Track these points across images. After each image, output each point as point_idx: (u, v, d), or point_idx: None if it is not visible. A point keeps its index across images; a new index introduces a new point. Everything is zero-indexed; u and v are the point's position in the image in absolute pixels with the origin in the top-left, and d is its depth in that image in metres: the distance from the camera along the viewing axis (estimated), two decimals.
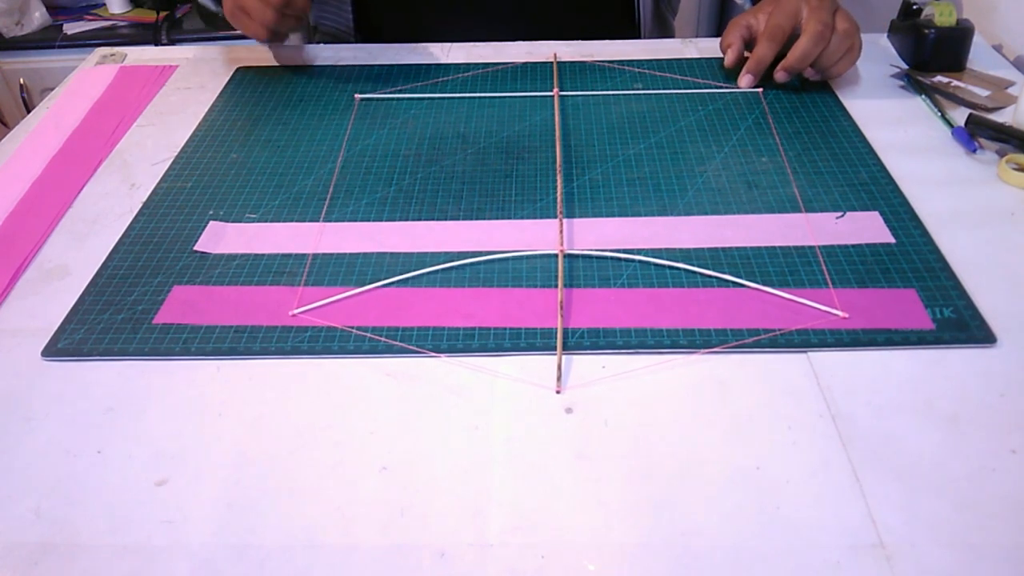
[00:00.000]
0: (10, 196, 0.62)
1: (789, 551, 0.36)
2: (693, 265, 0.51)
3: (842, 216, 0.55)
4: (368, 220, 0.57)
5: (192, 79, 0.78)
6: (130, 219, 0.58)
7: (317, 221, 0.57)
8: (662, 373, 0.45)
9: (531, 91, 0.72)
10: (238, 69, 0.79)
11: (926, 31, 0.71)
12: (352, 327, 0.48)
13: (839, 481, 0.39)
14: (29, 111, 0.90)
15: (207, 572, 0.36)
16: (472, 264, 0.52)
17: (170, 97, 0.75)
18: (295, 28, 0.74)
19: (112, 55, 0.84)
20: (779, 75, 0.69)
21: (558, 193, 0.58)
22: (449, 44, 0.82)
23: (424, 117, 0.69)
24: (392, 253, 0.54)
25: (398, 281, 0.51)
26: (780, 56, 0.69)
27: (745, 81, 0.70)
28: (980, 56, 0.74)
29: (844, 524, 0.37)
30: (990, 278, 0.50)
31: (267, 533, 0.38)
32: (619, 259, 0.52)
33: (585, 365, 0.45)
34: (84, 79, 0.79)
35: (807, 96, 0.69)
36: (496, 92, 0.72)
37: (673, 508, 0.38)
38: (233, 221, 0.58)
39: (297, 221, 0.57)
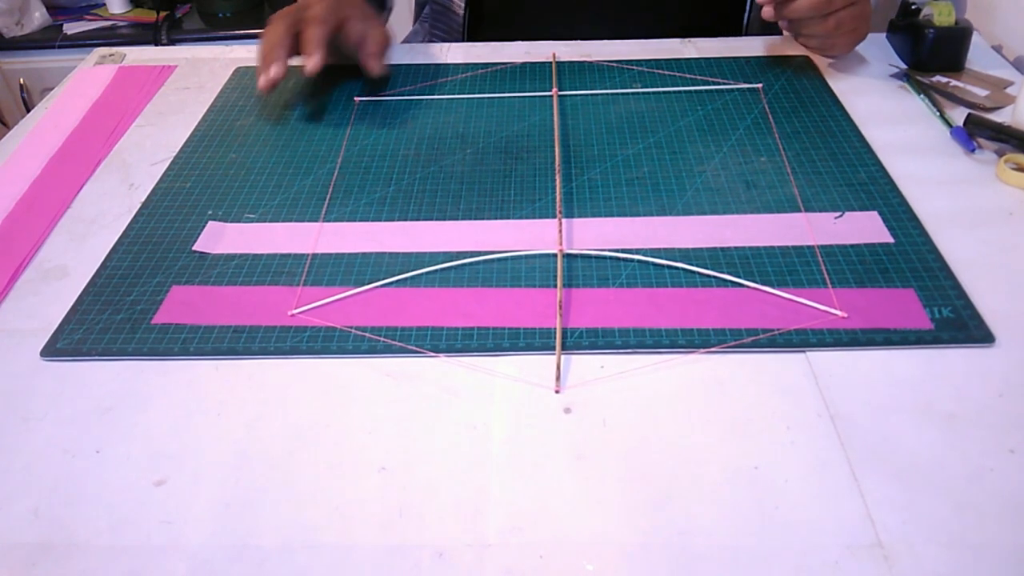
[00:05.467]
0: (9, 196, 0.62)
1: (787, 551, 0.36)
2: (692, 265, 0.51)
3: (841, 216, 0.55)
4: (367, 220, 0.57)
5: (191, 79, 0.78)
6: (129, 219, 0.58)
7: (316, 221, 0.57)
8: (661, 373, 0.45)
9: (530, 91, 0.72)
10: (237, 69, 0.79)
11: (925, 31, 0.71)
12: (351, 327, 0.48)
13: (837, 481, 0.39)
14: (29, 111, 0.90)
15: (206, 572, 0.36)
16: (471, 264, 0.52)
17: (169, 97, 0.75)
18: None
19: (111, 55, 0.84)
20: (766, 11, 0.66)
21: (557, 193, 0.58)
22: (448, 44, 0.82)
23: (423, 117, 0.69)
24: (391, 253, 0.54)
25: (397, 281, 0.51)
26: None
27: (765, 12, 0.66)
28: (979, 56, 0.74)
29: (842, 524, 0.37)
30: (989, 278, 0.50)
31: (266, 533, 0.38)
32: (618, 259, 0.52)
33: (584, 365, 0.45)
34: (83, 79, 0.79)
35: (806, 96, 0.69)
36: (495, 92, 0.72)
37: (671, 508, 0.38)
38: (232, 221, 0.58)
39: (296, 221, 0.57)
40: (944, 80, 0.70)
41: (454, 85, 0.74)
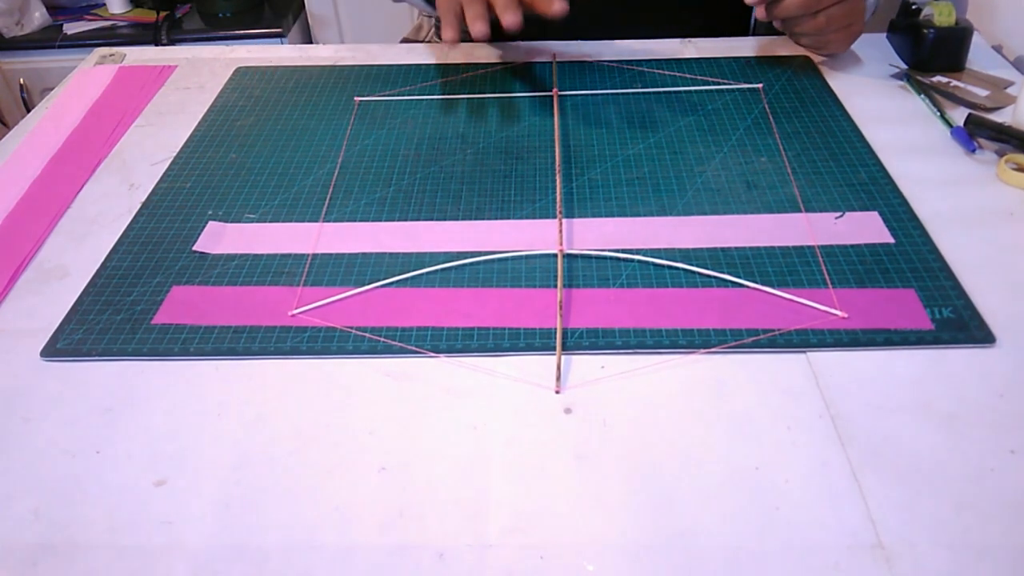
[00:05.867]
0: (9, 196, 0.62)
1: (788, 551, 0.36)
2: (692, 265, 0.51)
3: (841, 216, 0.55)
4: (367, 220, 0.57)
5: (191, 79, 0.78)
6: (129, 219, 0.58)
7: (316, 221, 0.57)
8: (661, 373, 0.45)
9: (530, 91, 0.72)
10: (237, 69, 0.79)
11: (925, 31, 0.71)
12: (351, 327, 0.48)
13: (838, 481, 0.39)
14: (29, 111, 0.90)
15: (206, 573, 0.36)
16: (471, 264, 0.52)
17: (169, 97, 0.75)
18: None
19: (111, 55, 0.84)
20: (759, 12, 0.67)
21: (557, 193, 0.58)
22: (448, 44, 0.82)
23: (423, 117, 0.69)
24: (391, 253, 0.54)
25: (397, 281, 0.51)
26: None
27: (758, 12, 0.67)
28: (979, 56, 0.74)
29: (843, 524, 0.37)
30: (989, 278, 0.50)
31: (266, 534, 0.38)
32: (618, 259, 0.52)
33: (584, 365, 0.45)
34: (83, 79, 0.79)
35: (806, 96, 0.69)
36: (495, 92, 0.72)
37: (672, 508, 0.38)
38: (232, 221, 0.58)
39: (296, 221, 0.57)
40: (944, 80, 0.70)
41: (454, 85, 0.74)
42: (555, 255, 0.52)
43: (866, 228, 0.54)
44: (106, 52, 0.84)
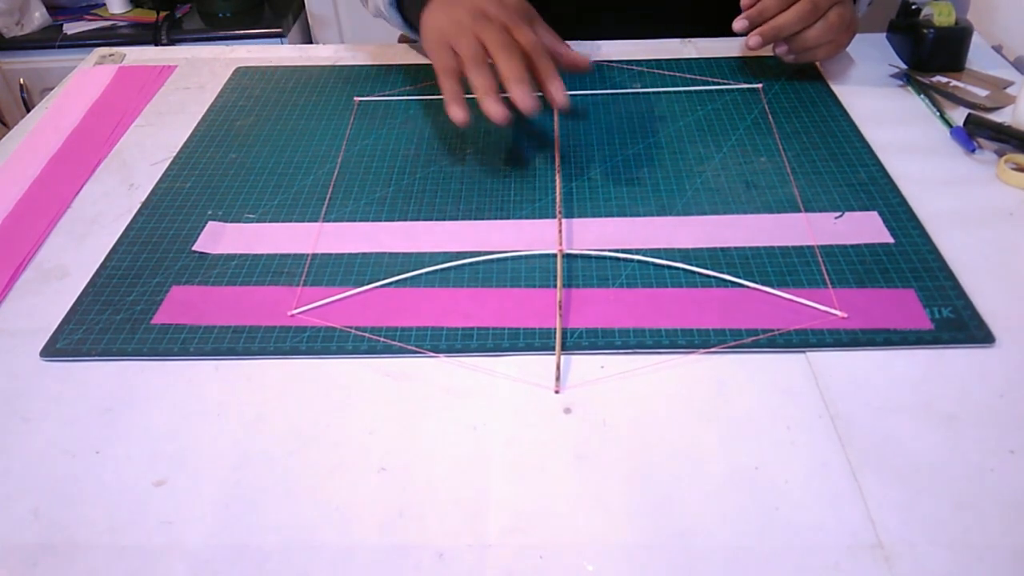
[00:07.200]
0: (9, 196, 0.62)
1: (788, 551, 0.36)
2: (692, 265, 0.51)
3: (841, 216, 0.55)
4: (367, 220, 0.57)
5: (191, 79, 0.78)
6: (129, 219, 0.58)
7: (316, 221, 0.57)
8: (661, 373, 0.45)
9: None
10: (237, 69, 0.79)
11: (925, 31, 0.71)
12: (351, 327, 0.48)
13: (838, 481, 0.39)
14: (29, 111, 0.90)
15: (206, 573, 0.36)
16: (471, 264, 0.52)
17: (169, 97, 0.75)
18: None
19: (111, 55, 0.84)
20: (753, 40, 0.67)
21: (557, 193, 0.58)
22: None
23: (423, 117, 0.69)
24: (391, 253, 0.54)
25: (397, 281, 0.51)
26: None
27: (753, 41, 0.67)
28: (979, 56, 0.74)
29: (843, 524, 0.37)
30: (989, 278, 0.50)
31: (265, 534, 0.38)
32: (618, 259, 0.52)
33: (584, 365, 0.45)
34: (83, 79, 0.79)
35: (806, 96, 0.69)
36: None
37: (672, 508, 0.38)
38: (232, 221, 0.58)
39: (296, 221, 0.57)
40: (944, 80, 0.70)
41: None
42: (555, 255, 0.52)
43: (866, 228, 0.54)
44: (106, 52, 0.84)
